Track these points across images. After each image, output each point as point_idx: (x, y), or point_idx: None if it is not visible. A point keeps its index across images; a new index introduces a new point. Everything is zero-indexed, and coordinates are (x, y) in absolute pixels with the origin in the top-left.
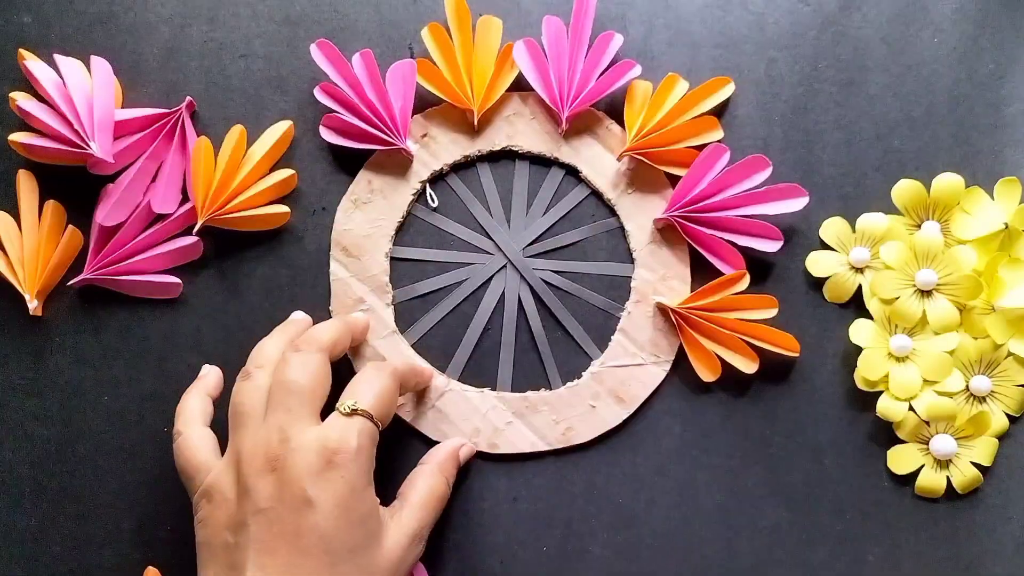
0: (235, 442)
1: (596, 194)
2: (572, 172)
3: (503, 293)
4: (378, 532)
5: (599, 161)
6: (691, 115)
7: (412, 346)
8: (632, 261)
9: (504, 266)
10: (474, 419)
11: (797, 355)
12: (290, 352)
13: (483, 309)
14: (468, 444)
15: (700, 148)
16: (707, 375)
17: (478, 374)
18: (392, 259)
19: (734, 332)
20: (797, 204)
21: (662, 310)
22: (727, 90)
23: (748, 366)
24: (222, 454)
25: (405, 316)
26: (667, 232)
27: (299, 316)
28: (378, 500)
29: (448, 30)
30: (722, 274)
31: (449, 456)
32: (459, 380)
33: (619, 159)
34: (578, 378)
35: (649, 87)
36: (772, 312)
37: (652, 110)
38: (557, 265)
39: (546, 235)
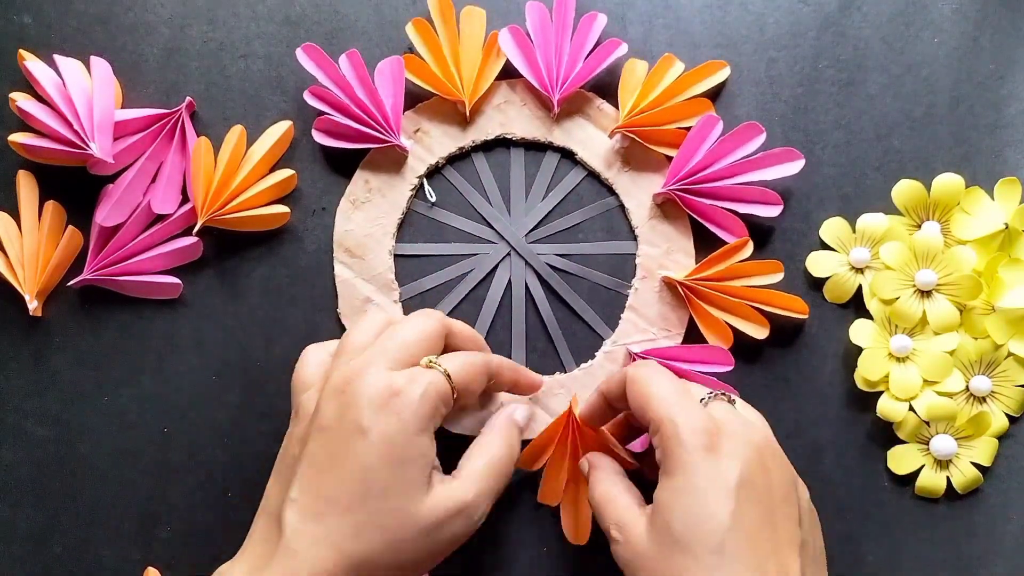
0: (330, 368)
1: (593, 175)
2: (567, 155)
3: (509, 281)
4: (419, 484)
5: (593, 142)
6: (685, 96)
7: None
8: (635, 238)
9: (508, 254)
10: (492, 408)
11: (806, 317)
12: (416, 315)
13: (491, 299)
14: (524, 406)
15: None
16: (719, 344)
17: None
18: (396, 256)
19: (742, 299)
20: (793, 167)
21: (669, 284)
22: (722, 73)
23: (759, 332)
24: None
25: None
26: (667, 206)
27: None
28: (434, 460)
29: (432, 24)
30: (725, 243)
31: (505, 422)
32: None
33: (611, 136)
34: (592, 359)
35: (645, 67)
36: (778, 276)
37: (646, 90)
38: (561, 248)
39: (547, 219)
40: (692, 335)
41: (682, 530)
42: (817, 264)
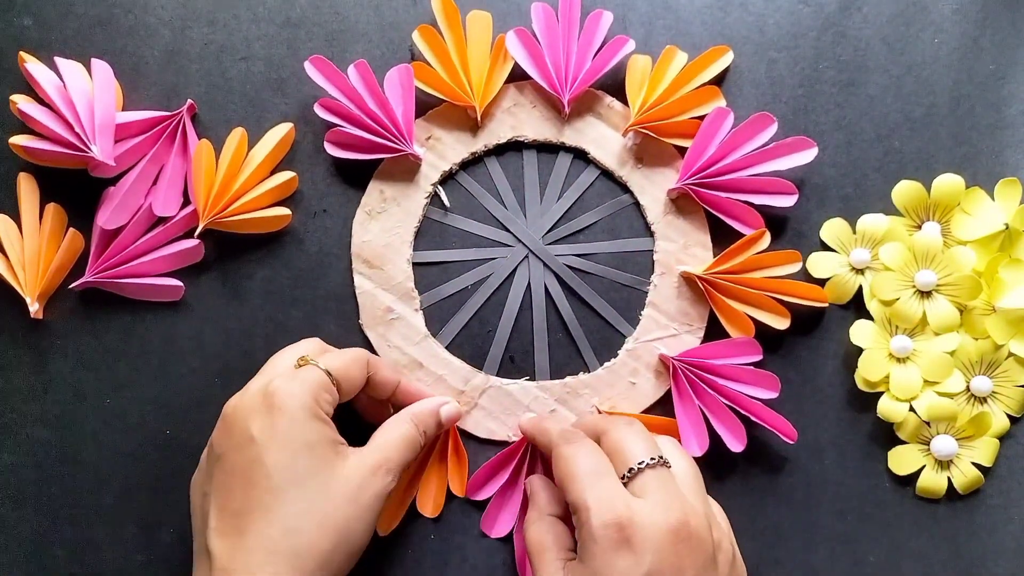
0: None
1: (606, 173)
2: (580, 155)
3: (529, 283)
4: (331, 460)
5: (605, 140)
6: (692, 86)
7: (446, 348)
8: (651, 234)
9: (526, 256)
10: (518, 412)
11: (826, 306)
12: None
13: (511, 302)
14: (453, 403)
15: (704, 119)
16: (742, 336)
17: (515, 366)
18: (414, 264)
19: (762, 290)
20: (807, 156)
21: (688, 279)
22: (726, 59)
23: (780, 322)
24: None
25: (435, 319)
26: (682, 201)
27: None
28: (336, 437)
29: (439, 30)
30: (742, 235)
31: (427, 410)
32: (497, 375)
33: (624, 135)
34: (614, 357)
35: (648, 61)
36: (797, 266)
37: (653, 84)
38: (578, 248)
39: (563, 220)
40: (713, 329)
41: None
42: (817, 265)
